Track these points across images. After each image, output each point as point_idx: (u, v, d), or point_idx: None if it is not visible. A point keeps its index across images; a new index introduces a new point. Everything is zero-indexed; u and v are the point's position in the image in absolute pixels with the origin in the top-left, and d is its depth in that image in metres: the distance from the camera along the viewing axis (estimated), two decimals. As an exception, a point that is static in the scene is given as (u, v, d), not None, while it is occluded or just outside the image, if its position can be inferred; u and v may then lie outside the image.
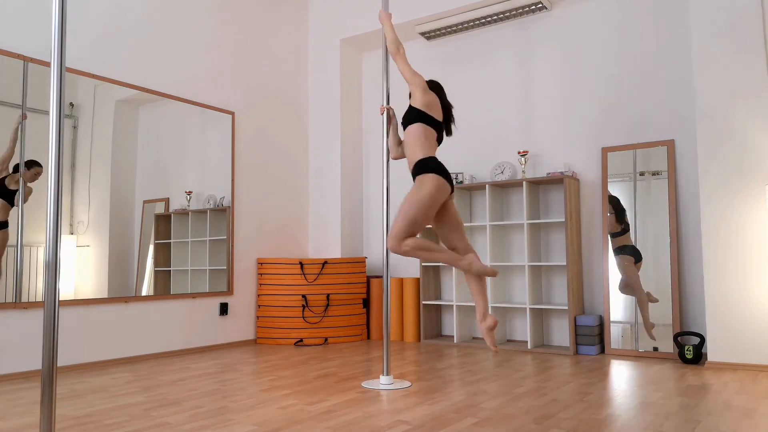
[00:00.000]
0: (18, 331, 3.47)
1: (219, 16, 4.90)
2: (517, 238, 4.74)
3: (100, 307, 3.89)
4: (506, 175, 4.72)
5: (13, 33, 3.60)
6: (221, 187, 4.78)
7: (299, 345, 4.74)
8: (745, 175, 3.58)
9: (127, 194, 4.13)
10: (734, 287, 3.56)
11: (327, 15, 5.64)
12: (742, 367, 3.49)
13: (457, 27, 5.00)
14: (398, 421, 2.41)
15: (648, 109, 4.27)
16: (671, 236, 4.03)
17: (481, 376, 3.36)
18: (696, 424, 2.33)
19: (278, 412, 2.57)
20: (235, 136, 4.93)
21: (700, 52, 3.76)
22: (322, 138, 5.59)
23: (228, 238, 4.77)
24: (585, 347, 4.11)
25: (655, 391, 2.92)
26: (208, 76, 4.78)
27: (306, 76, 5.72)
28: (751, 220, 3.55)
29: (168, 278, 4.32)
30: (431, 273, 4.98)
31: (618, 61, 4.41)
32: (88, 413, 2.60)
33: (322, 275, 4.86)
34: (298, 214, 5.51)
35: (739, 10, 3.64)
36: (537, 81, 4.77)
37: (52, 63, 1.80)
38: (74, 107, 3.88)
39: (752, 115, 3.58)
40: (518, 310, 4.69)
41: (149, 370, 3.68)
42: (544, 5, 4.60)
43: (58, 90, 1.79)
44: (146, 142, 4.28)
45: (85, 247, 3.85)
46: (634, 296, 4.10)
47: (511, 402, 2.73)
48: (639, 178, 4.22)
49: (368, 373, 3.50)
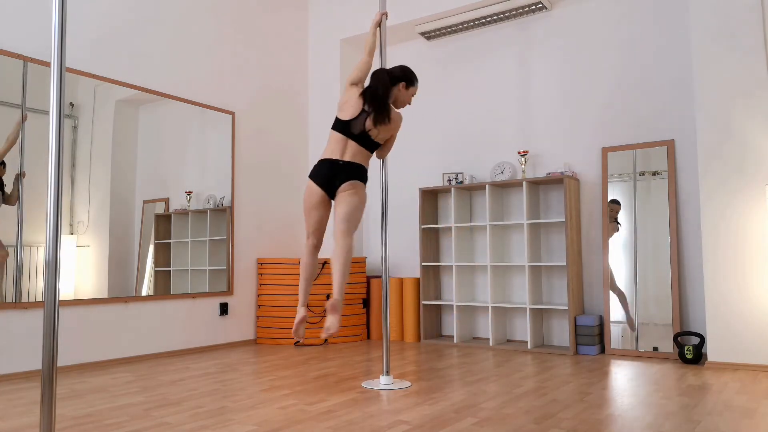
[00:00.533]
0: (18, 331, 3.47)
1: (219, 16, 4.90)
2: (517, 238, 4.74)
3: (100, 307, 3.89)
4: (506, 175, 4.72)
5: (13, 33, 3.60)
6: (221, 187, 4.78)
7: (299, 345, 4.74)
8: (745, 175, 3.58)
9: (127, 194, 4.13)
10: (734, 287, 3.56)
11: (327, 15, 5.64)
12: (742, 367, 3.49)
13: (457, 27, 5.00)
14: (398, 421, 2.41)
15: (648, 109, 4.27)
16: (671, 236, 4.03)
17: (481, 376, 3.36)
18: (696, 424, 2.33)
19: (278, 412, 2.57)
20: (235, 136, 4.94)
21: (700, 52, 3.76)
22: (322, 138, 5.59)
23: (228, 238, 4.77)
24: (585, 347, 4.10)
25: (655, 391, 2.92)
26: (208, 76, 4.78)
27: (306, 76, 5.72)
28: (751, 220, 3.55)
29: (168, 278, 4.32)
30: (431, 273, 4.98)
31: (618, 61, 4.41)
32: (88, 413, 2.60)
33: (322, 275, 4.86)
34: (298, 214, 5.51)
35: (739, 10, 3.64)
36: (537, 81, 4.77)
37: (52, 63, 1.80)
38: (74, 107, 3.88)
39: (752, 115, 3.58)
40: (518, 310, 4.69)
41: (149, 370, 3.68)
42: (544, 5, 4.60)
43: (58, 90, 1.79)
44: (146, 142, 4.28)
45: (85, 247, 3.85)
46: (616, 292, 4.14)
47: (511, 402, 2.73)
48: (639, 178, 4.22)
49: (368, 373, 3.50)
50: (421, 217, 4.91)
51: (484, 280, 4.86)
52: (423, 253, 4.88)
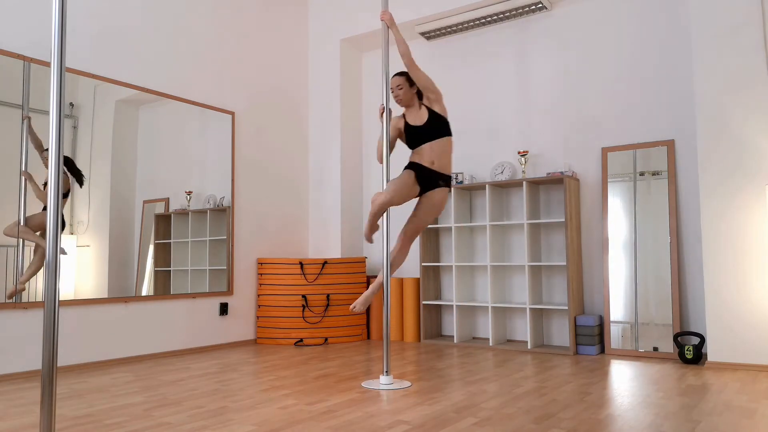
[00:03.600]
0: (18, 331, 3.47)
1: (219, 16, 4.90)
2: (517, 238, 4.74)
3: (100, 307, 3.89)
4: (506, 175, 4.72)
5: (13, 33, 3.60)
6: (221, 187, 4.78)
7: (299, 345, 4.74)
8: (744, 175, 3.58)
9: (127, 194, 4.13)
10: (734, 287, 3.56)
11: (327, 15, 5.64)
12: (742, 367, 3.49)
13: (457, 27, 5.01)
14: (398, 421, 2.41)
15: (648, 109, 4.27)
16: (671, 236, 4.03)
17: (481, 376, 3.36)
18: (696, 424, 2.33)
19: (278, 412, 2.57)
20: (235, 136, 4.94)
21: (700, 51, 3.76)
22: (322, 138, 5.59)
23: (228, 238, 4.77)
24: (585, 347, 4.11)
25: (655, 391, 2.92)
26: (208, 76, 4.78)
27: (306, 76, 5.72)
28: (751, 220, 3.55)
29: (168, 278, 4.32)
30: (431, 273, 4.98)
31: (618, 60, 4.41)
32: (88, 413, 2.60)
33: (322, 275, 4.86)
34: (298, 214, 5.51)
35: (740, 10, 3.64)
36: (537, 81, 4.77)
37: (52, 63, 1.80)
38: (74, 107, 3.88)
39: (752, 115, 3.58)
40: (518, 310, 4.69)
41: (149, 370, 3.68)
42: (544, 5, 4.60)
43: (58, 90, 1.79)
44: (146, 142, 4.28)
45: (85, 247, 3.85)
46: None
47: (511, 402, 2.73)
48: (639, 178, 4.22)
49: (368, 373, 3.50)
50: (421, 217, 4.90)
51: (484, 280, 4.86)
52: (423, 253, 4.88)
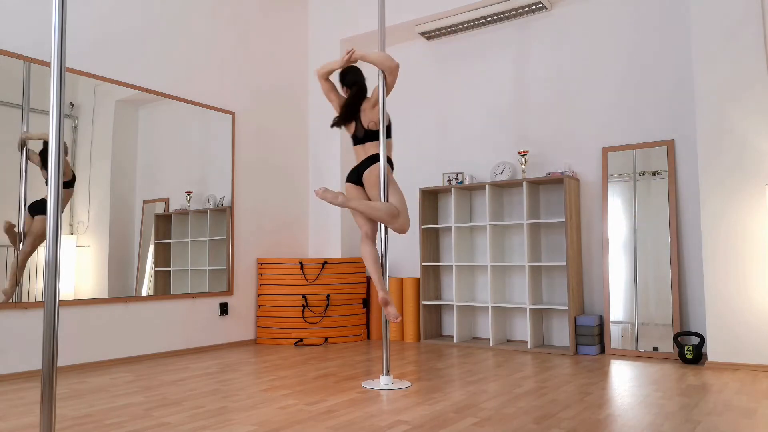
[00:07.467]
0: (18, 331, 3.47)
1: (219, 16, 4.90)
2: (517, 238, 4.74)
3: (100, 307, 3.89)
4: (506, 175, 4.72)
5: (13, 33, 3.60)
6: (221, 187, 4.78)
7: (299, 345, 4.74)
8: (744, 175, 3.58)
9: (127, 194, 4.13)
10: (734, 287, 3.56)
11: (327, 15, 5.64)
12: (742, 367, 3.49)
13: (457, 27, 5.01)
14: (398, 421, 2.41)
15: (648, 109, 4.27)
16: (671, 236, 4.03)
17: (481, 376, 3.36)
18: (696, 424, 2.33)
19: (278, 412, 2.57)
20: (235, 136, 4.94)
21: (700, 52, 3.76)
22: (322, 138, 5.59)
23: (228, 238, 4.77)
24: (585, 347, 4.10)
25: (655, 391, 2.92)
26: (208, 76, 4.78)
27: (306, 76, 5.72)
28: (751, 220, 3.55)
29: (168, 278, 4.32)
30: (431, 273, 4.98)
31: (618, 60, 4.41)
32: (88, 413, 2.60)
33: (322, 275, 4.86)
34: (298, 214, 5.51)
35: (740, 10, 3.64)
36: (537, 81, 4.77)
37: (52, 63, 1.80)
38: (74, 107, 3.88)
39: (752, 115, 3.58)
40: (518, 310, 4.69)
41: (149, 370, 3.68)
42: (544, 5, 4.60)
43: (58, 90, 1.79)
44: (146, 142, 4.28)
45: (85, 247, 3.85)
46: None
47: (511, 402, 2.73)
48: (639, 178, 4.22)
49: (368, 373, 3.50)
50: (421, 217, 4.91)
51: (484, 280, 4.86)
52: (423, 253, 4.88)
